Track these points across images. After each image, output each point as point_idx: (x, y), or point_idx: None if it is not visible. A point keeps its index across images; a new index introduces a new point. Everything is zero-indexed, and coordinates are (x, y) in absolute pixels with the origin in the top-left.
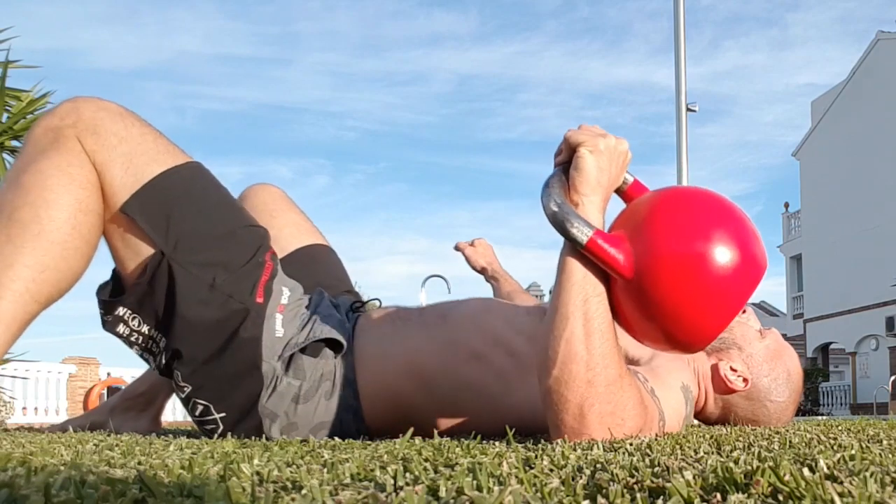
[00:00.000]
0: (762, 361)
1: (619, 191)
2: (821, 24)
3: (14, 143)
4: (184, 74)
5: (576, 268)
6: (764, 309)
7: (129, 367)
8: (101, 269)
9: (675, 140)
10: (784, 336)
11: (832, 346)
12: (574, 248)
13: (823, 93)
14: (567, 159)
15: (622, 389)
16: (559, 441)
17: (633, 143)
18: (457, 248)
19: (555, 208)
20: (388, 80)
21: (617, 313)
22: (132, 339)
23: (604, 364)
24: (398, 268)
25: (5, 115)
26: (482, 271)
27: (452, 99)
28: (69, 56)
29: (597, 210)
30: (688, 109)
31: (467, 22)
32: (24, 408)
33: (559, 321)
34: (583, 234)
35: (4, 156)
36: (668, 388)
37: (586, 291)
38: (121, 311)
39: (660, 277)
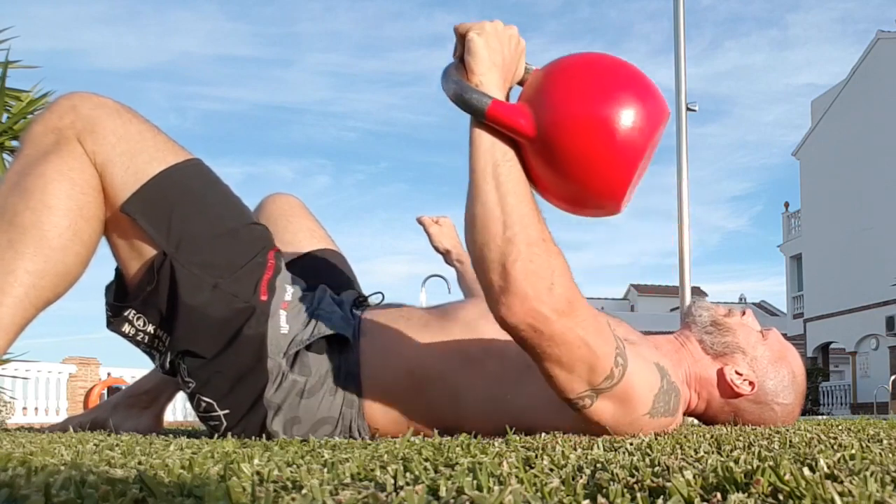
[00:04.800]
0: (767, 364)
1: (522, 82)
2: (821, 24)
3: (14, 143)
4: (185, 75)
5: (482, 137)
6: (764, 309)
7: (130, 368)
8: (100, 270)
9: (675, 140)
10: (784, 336)
11: (832, 346)
12: (479, 121)
13: (823, 92)
14: (462, 52)
15: (547, 253)
16: (559, 440)
17: None
18: (419, 222)
19: (454, 86)
20: (388, 80)
21: (532, 180)
22: (137, 338)
23: (522, 224)
24: (398, 267)
25: (5, 115)
26: (445, 253)
27: None
28: (69, 56)
29: (496, 88)
30: (688, 109)
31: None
32: (25, 408)
33: (473, 190)
34: (482, 103)
35: (4, 156)
36: (641, 356)
37: (495, 158)
38: (127, 312)
39: (561, 129)
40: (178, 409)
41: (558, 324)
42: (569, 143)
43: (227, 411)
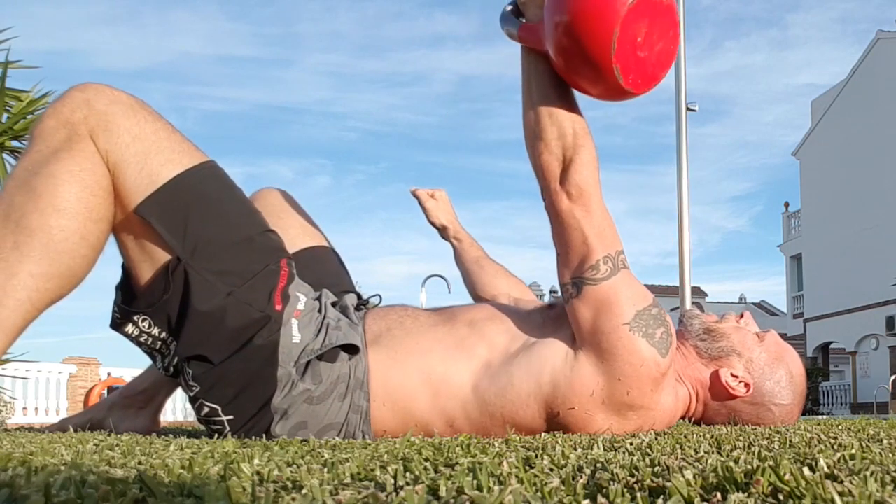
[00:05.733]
0: (763, 365)
1: None
2: (821, 24)
3: (14, 143)
4: (185, 75)
5: (523, 57)
6: (764, 308)
7: (130, 367)
8: (103, 269)
9: (675, 140)
10: (784, 336)
11: (832, 346)
12: (523, 49)
13: (823, 92)
14: None
15: (572, 146)
16: (559, 440)
17: (634, 144)
18: (414, 195)
19: (502, 21)
20: (389, 80)
21: (565, 76)
22: (140, 339)
23: (549, 121)
24: (399, 267)
25: (5, 115)
26: (442, 228)
27: (453, 99)
28: (69, 57)
29: (535, 6)
30: (688, 109)
31: (468, 23)
32: (25, 408)
33: (522, 98)
34: (513, 32)
35: (4, 156)
36: (639, 284)
37: (529, 71)
38: (136, 316)
39: (556, 37)
40: (178, 409)
41: (565, 204)
42: (571, 24)
43: (230, 417)
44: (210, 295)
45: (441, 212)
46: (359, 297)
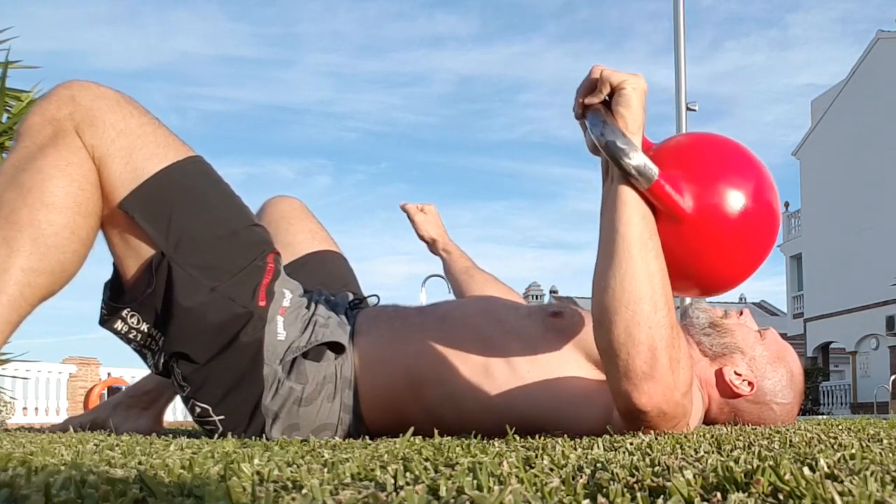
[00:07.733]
0: (765, 364)
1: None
2: (821, 24)
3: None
4: (185, 75)
5: (636, 206)
6: (764, 308)
7: (130, 368)
8: (102, 269)
9: None
10: (784, 335)
11: (832, 346)
12: (630, 184)
13: (823, 92)
14: (604, 98)
15: (680, 334)
16: (559, 441)
17: None
18: (403, 210)
19: (622, 145)
20: (389, 80)
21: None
22: (130, 335)
23: (669, 306)
24: (398, 267)
25: (5, 115)
26: (431, 242)
27: (453, 99)
28: (69, 57)
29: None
30: (688, 109)
31: (468, 23)
32: (25, 408)
33: (620, 260)
34: (650, 171)
35: (4, 156)
36: (695, 392)
37: (645, 230)
38: (122, 311)
39: (714, 222)
40: (179, 409)
41: (681, 407)
42: (718, 233)
43: (222, 417)
44: (194, 290)
45: (430, 225)
46: (355, 296)
